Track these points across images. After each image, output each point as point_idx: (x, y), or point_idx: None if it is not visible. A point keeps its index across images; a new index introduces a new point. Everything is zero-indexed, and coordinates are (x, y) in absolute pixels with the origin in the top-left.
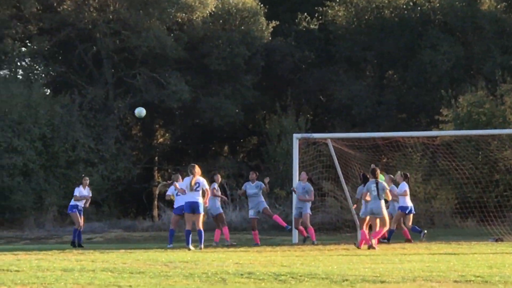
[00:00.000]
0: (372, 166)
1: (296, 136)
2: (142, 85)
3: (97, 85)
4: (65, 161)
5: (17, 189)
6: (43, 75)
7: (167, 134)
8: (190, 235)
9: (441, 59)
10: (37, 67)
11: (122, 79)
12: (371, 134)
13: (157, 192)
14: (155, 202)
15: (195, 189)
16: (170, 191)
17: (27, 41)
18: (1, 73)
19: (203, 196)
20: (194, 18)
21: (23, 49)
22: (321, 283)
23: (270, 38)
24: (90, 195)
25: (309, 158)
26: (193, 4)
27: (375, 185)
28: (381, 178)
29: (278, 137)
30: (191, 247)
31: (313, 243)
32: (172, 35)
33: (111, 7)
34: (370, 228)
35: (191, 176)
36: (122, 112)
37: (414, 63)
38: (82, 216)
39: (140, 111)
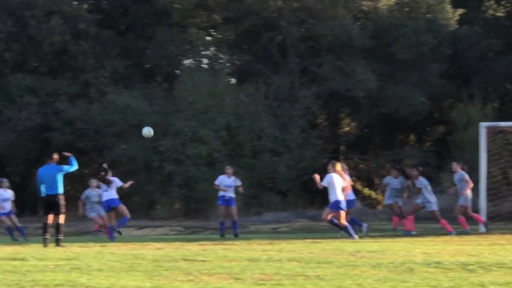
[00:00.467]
0: None
1: (483, 125)
2: (328, 74)
3: (282, 74)
4: (250, 150)
5: (202, 178)
6: (228, 64)
7: (353, 123)
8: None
9: None
10: (221, 56)
11: (307, 68)
12: None
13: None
14: None
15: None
16: None
17: (212, 30)
18: (186, 62)
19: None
20: (380, 6)
21: (208, 38)
22: (509, 273)
23: (456, 26)
24: (237, 184)
25: (496, 147)
26: None
27: None
28: None
29: (465, 126)
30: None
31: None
32: (357, 23)
33: None
34: None
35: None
36: (307, 101)
37: None
38: (231, 206)
39: (148, 131)
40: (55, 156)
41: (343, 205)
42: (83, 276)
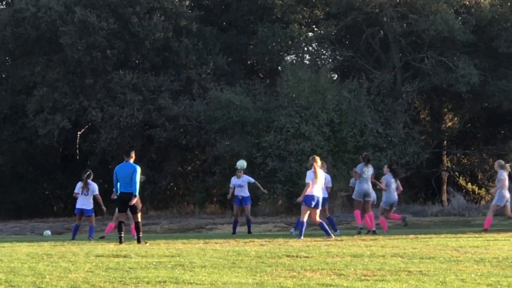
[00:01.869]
0: None
1: None
2: (430, 69)
3: (385, 69)
4: (353, 146)
5: (305, 175)
6: (330, 60)
7: (455, 118)
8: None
9: None
10: (324, 52)
11: (409, 63)
12: None
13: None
14: (444, 187)
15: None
16: None
17: (314, 26)
18: (288, 58)
19: None
20: (482, 0)
21: (310, 34)
22: None
23: None
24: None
25: None
26: None
27: None
28: None
29: None
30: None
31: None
32: (459, 18)
33: None
34: None
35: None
36: (410, 96)
37: None
38: (242, 206)
39: (242, 164)
40: (133, 154)
41: (317, 202)
42: (186, 272)
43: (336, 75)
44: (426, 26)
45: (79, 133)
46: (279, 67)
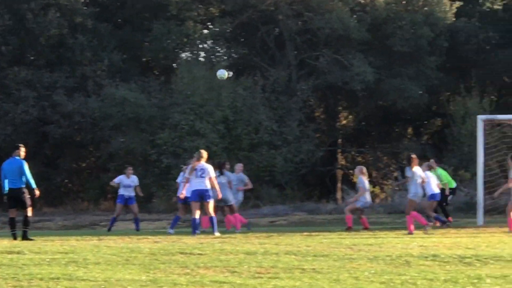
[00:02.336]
0: None
1: (480, 118)
2: (325, 67)
3: (280, 67)
4: (248, 144)
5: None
6: (225, 57)
7: (350, 116)
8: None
9: None
10: (219, 49)
11: (304, 61)
12: None
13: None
14: (339, 185)
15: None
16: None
17: (209, 24)
18: (183, 55)
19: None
20: None
21: (205, 31)
22: (506, 266)
23: (453, 19)
24: (135, 184)
25: (493, 139)
26: None
27: None
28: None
29: (463, 118)
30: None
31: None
32: (354, 16)
33: None
34: None
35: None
36: (305, 94)
37: None
38: (132, 204)
39: (222, 74)
40: (22, 150)
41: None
42: (80, 269)
43: (231, 73)
44: (322, 24)
45: None
46: (174, 65)
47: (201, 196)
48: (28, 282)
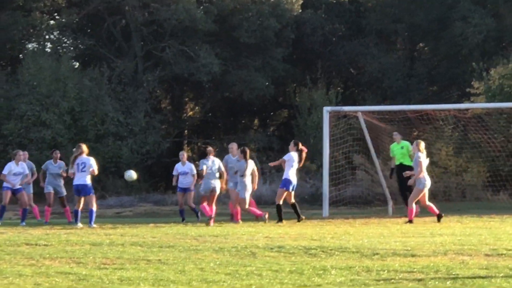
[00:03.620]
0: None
1: (326, 109)
2: (172, 58)
3: (126, 58)
4: (94, 135)
5: (45, 162)
6: (72, 48)
7: (196, 108)
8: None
9: (472, 32)
10: (65, 40)
11: (151, 52)
12: (402, 107)
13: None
14: None
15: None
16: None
17: (56, 14)
18: (30, 46)
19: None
20: None
21: (52, 22)
22: (351, 257)
23: (300, 11)
24: (26, 172)
25: (340, 131)
26: None
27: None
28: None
29: (309, 110)
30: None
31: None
32: (201, 7)
33: None
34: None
35: None
36: (151, 86)
37: (445, 36)
38: (28, 194)
39: (131, 174)
40: None
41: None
42: None
43: (77, 64)
44: (168, 16)
45: None
46: (21, 55)
47: (79, 191)
48: None
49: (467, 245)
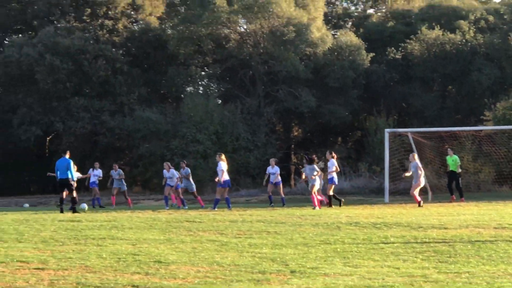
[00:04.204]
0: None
1: (387, 131)
2: (283, 97)
3: (252, 97)
4: (231, 148)
5: (199, 167)
6: (216, 91)
7: (299, 130)
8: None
9: (484, 78)
10: (212, 85)
11: (269, 93)
12: (437, 129)
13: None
14: (292, 176)
15: None
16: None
17: (206, 68)
18: (188, 89)
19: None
20: (318, 51)
21: (203, 73)
22: (404, 229)
23: (369, 65)
24: (176, 176)
25: (396, 145)
26: (317, 42)
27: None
28: (454, 158)
29: (375, 131)
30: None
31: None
32: (302, 63)
33: (262, 45)
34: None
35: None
36: (269, 116)
37: (466, 81)
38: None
39: (83, 208)
40: (68, 152)
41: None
42: (119, 232)
43: (220, 101)
44: (280, 68)
45: (48, 138)
46: (182, 95)
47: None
48: (84, 241)
49: (482, 221)
